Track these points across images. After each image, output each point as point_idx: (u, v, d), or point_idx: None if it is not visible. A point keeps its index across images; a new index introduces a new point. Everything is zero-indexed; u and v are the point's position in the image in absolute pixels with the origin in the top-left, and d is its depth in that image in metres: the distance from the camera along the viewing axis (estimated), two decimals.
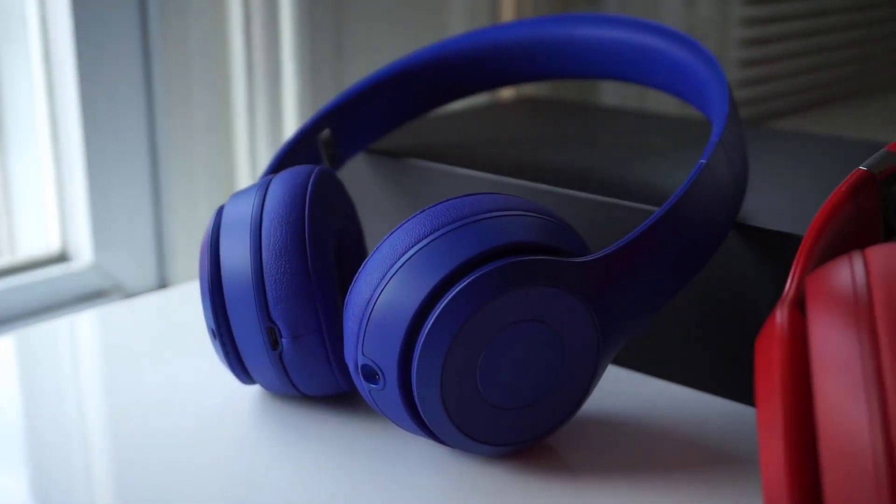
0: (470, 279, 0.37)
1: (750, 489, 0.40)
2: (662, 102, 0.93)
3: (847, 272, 0.30)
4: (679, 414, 0.46)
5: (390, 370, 0.38)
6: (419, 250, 0.38)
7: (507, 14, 0.93)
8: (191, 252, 0.73)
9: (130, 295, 0.71)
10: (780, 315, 0.30)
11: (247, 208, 0.43)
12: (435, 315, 0.37)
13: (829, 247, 0.36)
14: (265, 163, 0.74)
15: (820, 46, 1.30)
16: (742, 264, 0.46)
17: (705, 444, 0.43)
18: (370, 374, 0.39)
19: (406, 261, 0.38)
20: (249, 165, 0.75)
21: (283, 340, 0.42)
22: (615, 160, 0.57)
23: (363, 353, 0.39)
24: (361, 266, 0.39)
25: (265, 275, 0.42)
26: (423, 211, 0.39)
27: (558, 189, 0.51)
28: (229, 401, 0.47)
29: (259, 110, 0.75)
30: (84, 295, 0.69)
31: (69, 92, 0.67)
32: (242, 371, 0.44)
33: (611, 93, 1.01)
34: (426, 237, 0.38)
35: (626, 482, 0.41)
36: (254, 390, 0.47)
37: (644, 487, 0.40)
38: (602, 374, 0.41)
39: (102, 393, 0.50)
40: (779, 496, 0.28)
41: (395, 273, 0.38)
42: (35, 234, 0.70)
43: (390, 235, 0.39)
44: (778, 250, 0.45)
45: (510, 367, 0.39)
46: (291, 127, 0.76)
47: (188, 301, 0.58)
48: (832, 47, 1.32)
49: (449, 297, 0.37)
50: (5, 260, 0.67)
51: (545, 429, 0.41)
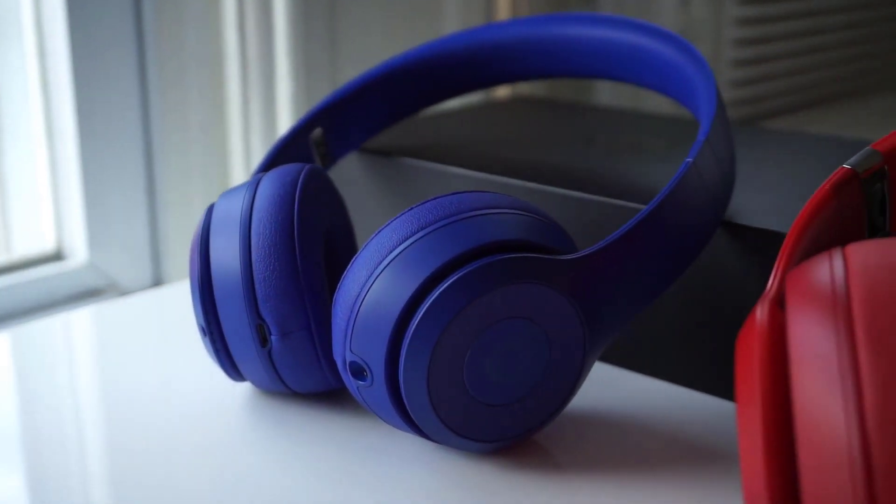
0: (456, 276, 0.37)
1: (736, 485, 0.40)
2: (657, 102, 0.93)
3: (826, 269, 0.30)
4: (666, 410, 0.46)
5: (378, 367, 0.38)
6: (406, 248, 0.38)
7: (503, 13, 0.93)
8: (185, 251, 0.73)
9: (125, 294, 0.71)
10: (761, 311, 0.30)
11: (236, 206, 0.44)
12: (422, 312, 0.37)
13: (813, 244, 0.36)
14: (259, 162, 0.75)
15: (814, 46, 1.30)
16: (729, 262, 0.46)
17: (692, 441, 0.44)
18: (358, 371, 0.39)
19: (393, 258, 0.38)
20: (244, 164, 0.75)
21: (272, 337, 0.42)
22: (608, 159, 0.57)
23: (351, 350, 0.39)
24: (349, 264, 0.40)
25: (254, 272, 0.42)
26: (411, 209, 0.40)
27: (549, 188, 0.51)
28: (220, 398, 0.47)
29: (253, 110, 0.75)
30: (79, 293, 0.69)
31: (64, 91, 0.67)
32: (232, 368, 0.44)
33: (606, 92, 1.01)
34: (413, 235, 0.39)
35: (613, 478, 0.41)
36: (244, 387, 0.48)
37: (631, 483, 0.41)
38: (589, 371, 0.42)
39: (97, 390, 0.50)
40: (758, 489, 0.28)
41: (383, 271, 0.38)
42: (30, 233, 0.71)
43: (378, 233, 0.40)
44: (765, 248, 0.45)
45: (497, 364, 0.39)
46: (286, 126, 0.76)
47: (182, 299, 0.58)
48: (826, 47, 1.32)
49: (435, 295, 0.37)
50: (0, 259, 0.68)
51: (532, 425, 0.41)
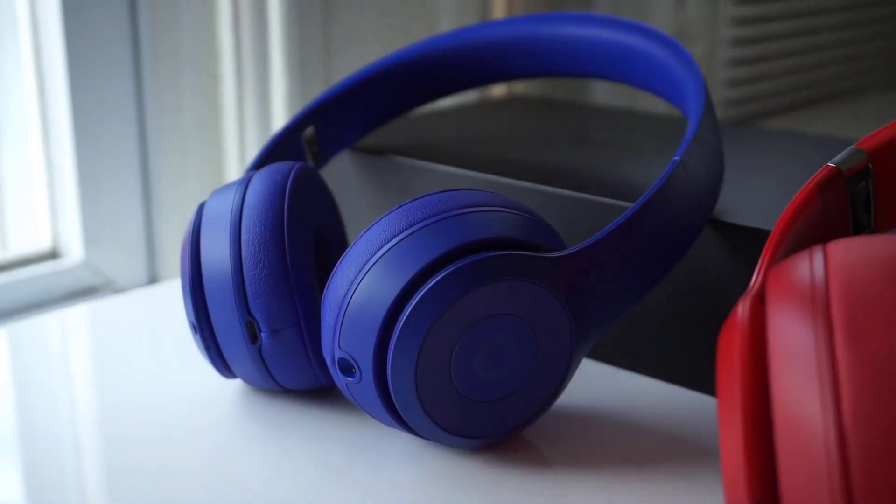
0: (444, 274, 0.38)
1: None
2: (652, 102, 0.93)
3: (806, 266, 0.30)
4: (653, 407, 0.47)
5: (366, 364, 0.39)
6: (394, 245, 0.39)
7: (498, 12, 0.93)
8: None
9: (121, 292, 0.71)
10: (742, 308, 0.31)
11: (227, 204, 0.44)
12: (409, 309, 0.38)
13: (797, 242, 0.36)
14: (251, 160, 0.75)
15: (810, 46, 1.30)
16: (717, 260, 0.46)
17: (680, 437, 0.44)
18: (347, 368, 0.40)
19: (381, 256, 0.39)
20: (239, 163, 0.75)
21: (262, 334, 0.43)
22: (602, 158, 0.58)
23: (340, 347, 0.39)
24: (339, 261, 0.40)
25: (244, 270, 0.42)
26: (399, 207, 0.40)
27: (541, 186, 0.51)
28: (212, 394, 0.47)
29: (248, 108, 0.75)
30: (75, 292, 0.70)
31: (60, 91, 0.67)
32: (223, 365, 0.45)
33: (602, 92, 1.01)
34: (401, 233, 0.39)
35: (601, 474, 0.41)
36: (236, 384, 0.48)
37: (619, 479, 0.41)
38: (577, 368, 0.42)
39: (92, 386, 0.51)
40: (737, 483, 0.29)
41: (371, 268, 0.39)
42: (26, 231, 0.71)
43: (366, 231, 0.40)
44: (753, 246, 0.45)
45: (484, 361, 0.39)
46: (280, 125, 0.76)
47: (177, 296, 0.58)
48: (822, 47, 1.32)
49: (423, 292, 0.38)
50: None
51: (519, 422, 0.41)
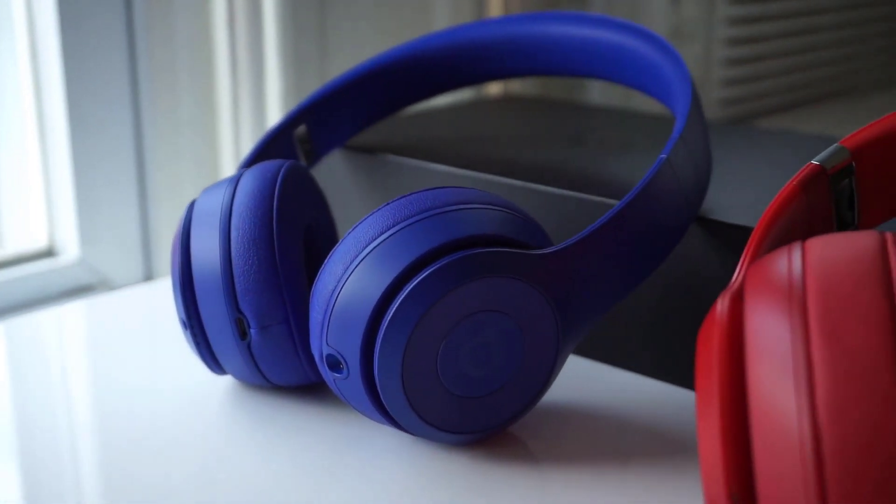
0: (430, 270, 0.38)
1: None
2: (647, 101, 0.94)
3: (785, 262, 0.31)
4: (640, 403, 0.47)
5: (353, 360, 0.39)
6: (381, 242, 0.39)
7: (494, 11, 0.93)
8: None
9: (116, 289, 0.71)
10: (721, 304, 0.31)
11: (217, 202, 0.44)
12: (395, 305, 0.38)
13: (780, 239, 0.36)
14: (243, 159, 0.75)
15: (806, 46, 1.30)
16: (705, 257, 0.47)
17: (665, 432, 0.44)
18: (334, 364, 0.40)
19: (368, 253, 0.39)
20: (234, 161, 0.76)
21: (252, 331, 0.43)
22: (595, 157, 0.58)
23: (327, 343, 0.40)
24: (327, 258, 0.40)
25: (234, 266, 0.43)
26: (387, 204, 0.40)
27: (532, 185, 0.51)
28: (204, 391, 0.47)
29: (243, 107, 0.76)
30: (70, 290, 0.70)
31: (55, 89, 0.68)
32: (213, 361, 0.45)
33: (597, 91, 1.02)
34: (388, 230, 0.39)
35: (589, 469, 0.42)
36: (228, 381, 0.48)
37: (606, 474, 0.41)
38: (563, 364, 0.42)
39: (86, 382, 0.51)
40: (714, 477, 0.29)
41: (358, 265, 0.39)
42: (22, 230, 0.71)
43: (354, 228, 0.40)
44: (739, 244, 0.45)
45: (471, 357, 0.40)
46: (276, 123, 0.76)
47: (171, 293, 0.59)
48: (818, 47, 1.32)
49: (409, 288, 0.38)
50: None
51: (506, 418, 0.42)
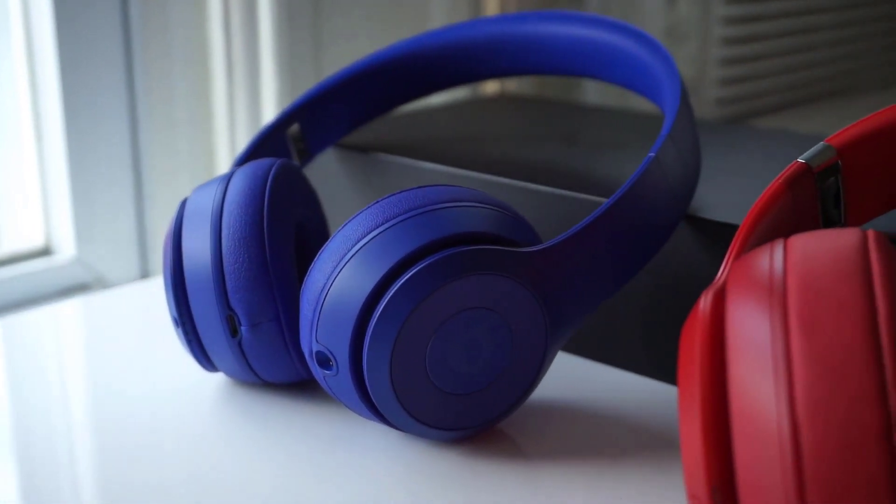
0: (418, 268, 0.38)
1: None
2: (643, 101, 0.94)
3: (766, 259, 0.31)
4: (630, 400, 0.47)
5: (342, 356, 0.39)
6: (370, 240, 0.39)
7: (491, 10, 0.94)
8: None
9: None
10: (704, 300, 0.31)
11: (208, 200, 0.45)
12: (384, 302, 0.38)
13: (765, 237, 0.37)
14: (235, 157, 0.76)
15: (801, 46, 1.30)
16: (693, 255, 0.47)
17: (654, 429, 0.45)
18: (324, 361, 0.40)
19: (357, 251, 0.39)
20: (229, 160, 0.76)
21: (242, 328, 0.43)
22: (589, 156, 0.58)
23: (317, 340, 0.40)
24: (317, 256, 0.41)
25: (224, 264, 0.43)
26: (377, 202, 0.41)
27: (523, 183, 0.52)
28: (198, 388, 0.48)
29: (239, 106, 0.76)
30: (67, 288, 0.70)
31: (51, 88, 0.68)
32: (205, 359, 0.45)
33: (593, 91, 1.02)
34: (378, 227, 0.40)
35: (578, 466, 0.42)
36: (220, 378, 0.49)
37: (596, 471, 0.41)
38: (552, 361, 0.43)
39: (81, 379, 0.51)
40: (696, 471, 0.29)
41: (348, 262, 0.39)
42: (18, 229, 0.72)
43: (344, 226, 0.40)
44: (727, 242, 0.45)
45: (459, 354, 0.40)
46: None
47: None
48: (814, 46, 1.33)
49: (398, 286, 0.38)
50: None
51: (495, 414, 0.42)
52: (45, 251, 0.71)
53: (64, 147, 0.68)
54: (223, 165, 0.76)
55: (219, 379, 0.49)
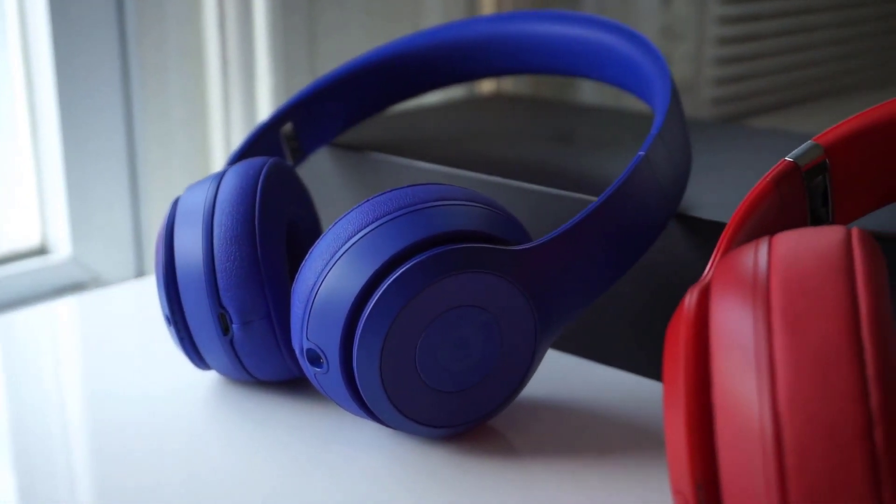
0: (408, 266, 0.39)
1: None
2: (639, 101, 0.94)
3: (751, 257, 0.31)
4: (619, 397, 0.47)
5: (333, 354, 0.40)
6: (360, 238, 0.39)
7: (486, 9, 0.94)
8: None
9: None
10: (689, 298, 0.31)
11: (200, 199, 0.45)
12: (374, 300, 0.39)
13: (753, 235, 0.37)
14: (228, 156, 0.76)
15: (797, 45, 1.31)
16: (683, 253, 0.47)
17: (643, 426, 0.45)
18: (315, 358, 0.40)
19: (347, 249, 0.39)
20: (225, 158, 0.76)
21: (234, 326, 0.43)
22: (583, 155, 0.58)
23: (307, 338, 0.40)
24: (307, 254, 0.41)
25: (216, 262, 0.43)
26: (367, 201, 0.41)
27: (514, 182, 0.52)
28: (191, 386, 0.48)
29: (234, 105, 0.76)
30: (63, 287, 0.71)
31: (47, 87, 0.68)
32: (197, 357, 0.45)
33: (589, 91, 1.02)
34: (368, 226, 0.40)
35: (568, 463, 0.42)
36: (212, 376, 0.49)
37: (586, 467, 0.42)
38: (541, 359, 0.43)
39: (76, 376, 0.52)
40: (680, 468, 0.29)
41: (338, 260, 0.39)
42: (14, 228, 0.72)
43: (335, 225, 0.41)
44: (717, 240, 0.46)
45: (449, 352, 0.40)
46: None
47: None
48: (809, 46, 1.33)
49: (387, 284, 0.38)
50: None
51: (485, 412, 0.42)
52: (41, 250, 0.72)
53: (60, 146, 0.69)
54: (218, 164, 0.77)
55: (212, 377, 0.49)
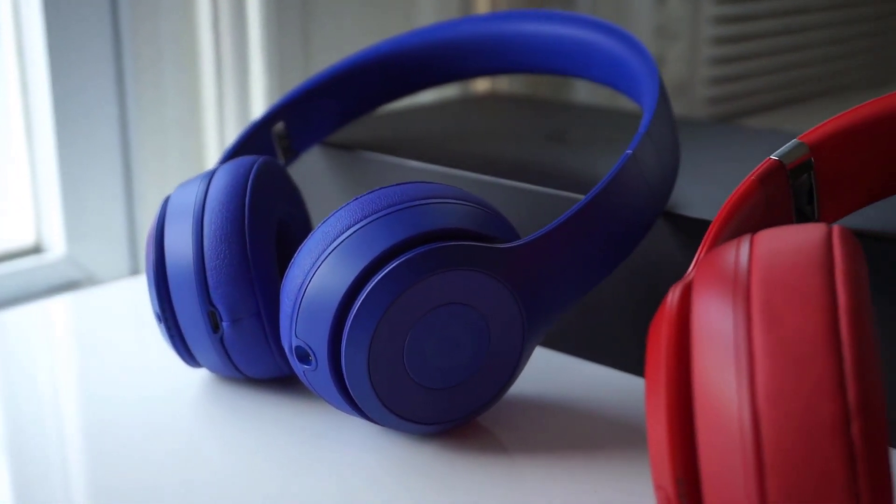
0: (395, 264, 0.39)
1: None
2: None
3: (733, 253, 0.31)
4: (607, 394, 0.48)
5: (321, 351, 0.40)
6: (349, 236, 0.40)
7: (481, 8, 0.94)
8: None
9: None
10: (672, 295, 0.32)
11: (191, 197, 0.45)
12: (362, 298, 0.39)
13: (737, 233, 0.37)
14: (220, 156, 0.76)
15: (792, 45, 1.31)
16: (671, 251, 0.47)
17: (631, 423, 0.45)
18: (303, 356, 0.41)
19: (336, 247, 0.40)
20: (219, 158, 0.76)
21: (224, 324, 0.44)
22: (575, 155, 0.58)
23: (296, 335, 0.40)
24: (296, 252, 0.41)
25: (206, 260, 0.44)
26: (356, 199, 0.41)
27: (504, 181, 0.52)
28: (183, 383, 0.48)
29: (228, 104, 0.76)
30: (57, 286, 0.71)
31: (42, 86, 0.68)
32: (187, 354, 0.46)
33: (584, 90, 1.02)
34: (356, 223, 0.40)
35: (557, 459, 0.42)
36: (203, 373, 0.49)
37: (575, 464, 0.42)
38: (529, 356, 0.43)
39: (70, 373, 0.52)
40: (662, 462, 0.30)
41: (326, 258, 0.40)
42: (8, 226, 0.72)
43: (323, 223, 0.41)
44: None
45: (436, 349, 0.40)
46: None
47: None
48: (804, 46, 1.33)
49: (375, 281, 0.39)
50: None
51: (473, 409, 0.42)
52: (36, 249, 0.72)
53: (54, 145, 0.69)
54: (213, 163, 0.77)
55: (203, 375, 0.49)
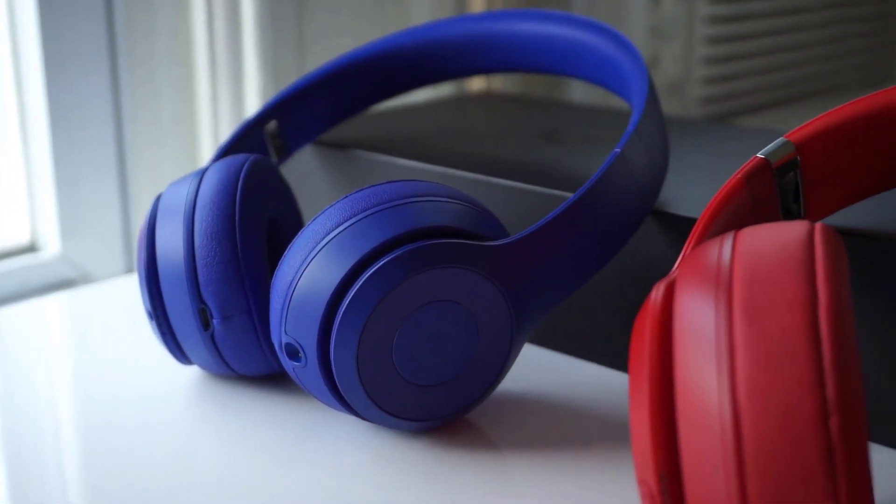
0: (384, 261, 0.39)
1: None
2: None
3: (716, 250, 0.32)
4: (595, 391, 0.48)
5: (311, 348, 0.40)
6: (338, 234, 0.40)
7: (476, 7, 0.94)
8: None
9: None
10: (656, 293, 0.32)
11: (182, 195, 0.45)
12: (351, 295, 0.39)
13: (722, 231, 0.37)
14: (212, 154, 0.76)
15: (787, 45, 1.31)
16: (660, 249, 0.48)
17: (618, 419, 0.45)
18: (293, 353, 0.41)
19: (325, 244, 0.40)
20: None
21: (214, 321, 0.44)
22: (568, 154, 0.59)
23: (286, 332, 0.41)
24: (287, 249, 0.41)
25: (197, 258, 0.44)
26: (346, 197, 0.41)
27: (495, 179, 0.52)
28: (175, 381, 0.48)
29: (222, 103, 0.77)
30: (52, 284, 0.71)
31: (36, 85, 0.68)
32: (179, 351, 0.46)
33: (579, 90, 1.03)
34: (345, 221, 0.40)
35: (546, 456, 0.42)
36: (195, 371, 0.49)
37: (564, 461, 0.42)
38: (518, 353, 0.43)
39: (65, 373, 0.52)
40: (645, 458, 0.30)
41: (316, 255, 0.40)
42: (3, 225, 0.72)
43: (313, 220, 0.41)
44: None
45: (425, 346, 0.41)
46: None
47: None
48: (799, 46, 1.33)
49: (364, 278, 0.39)
50: None
51: (462, 405, 0.43)
52: (31, 248, 0.72)
53: (49, 143, 0.69)
54: (207, 162, 0.77)
55: (194, 372, 0.49)
